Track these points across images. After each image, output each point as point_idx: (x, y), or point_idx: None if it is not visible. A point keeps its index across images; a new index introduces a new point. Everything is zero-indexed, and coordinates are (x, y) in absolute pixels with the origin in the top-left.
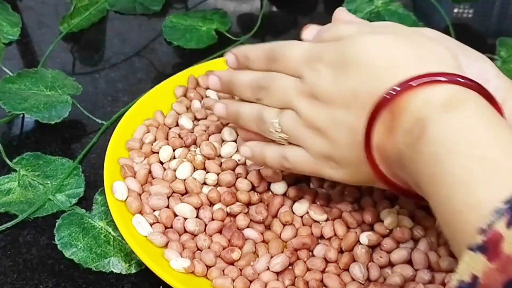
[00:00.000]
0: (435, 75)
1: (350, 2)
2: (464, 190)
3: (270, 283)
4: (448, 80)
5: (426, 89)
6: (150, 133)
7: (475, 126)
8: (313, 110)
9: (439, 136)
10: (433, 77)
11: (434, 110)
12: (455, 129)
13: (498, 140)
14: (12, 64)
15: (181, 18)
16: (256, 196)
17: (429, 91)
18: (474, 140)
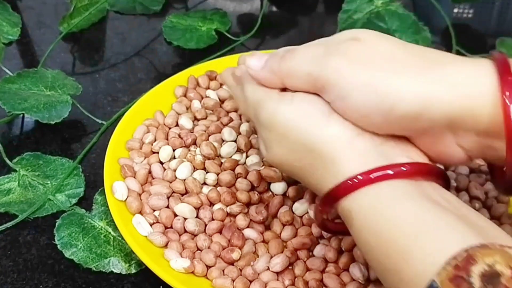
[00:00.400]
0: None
1: (350, 2)
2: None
3: (270, 283)
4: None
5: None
6: (150, 133)
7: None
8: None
9: (366, 225)
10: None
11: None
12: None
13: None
14: (12, 64)
15: (181, 18)
16: (256, 196)
17: (357, 194)
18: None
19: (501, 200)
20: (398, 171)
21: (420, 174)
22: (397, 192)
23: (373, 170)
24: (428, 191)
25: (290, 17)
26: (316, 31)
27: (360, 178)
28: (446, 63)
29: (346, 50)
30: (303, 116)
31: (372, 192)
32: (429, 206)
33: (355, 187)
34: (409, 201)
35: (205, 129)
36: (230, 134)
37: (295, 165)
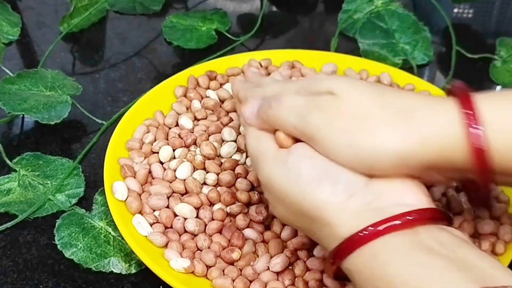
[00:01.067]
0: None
1: (350, 2)
2: None
3: (270, 283)
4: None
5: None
6: (150, 133)
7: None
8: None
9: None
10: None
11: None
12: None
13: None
14: (12, 64)
15: (181, 18)
16: (256, 196)
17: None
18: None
19: (501, 200)
20: (391, 225)
21: (422, 221)
22: (391, 247)
23: (370, 226)
24: (423, 238)
25: (290, 17)
26: (316, 31)
27: (360, 236)
28: (416, 111)
29: (323, 107)
30: (296, 180)
31: (368, 250)
32: (422, 258)
33: (354, 245)
34: (402, 257)
35: (205, 129)
36: (230, 134)
37: (297, 225)
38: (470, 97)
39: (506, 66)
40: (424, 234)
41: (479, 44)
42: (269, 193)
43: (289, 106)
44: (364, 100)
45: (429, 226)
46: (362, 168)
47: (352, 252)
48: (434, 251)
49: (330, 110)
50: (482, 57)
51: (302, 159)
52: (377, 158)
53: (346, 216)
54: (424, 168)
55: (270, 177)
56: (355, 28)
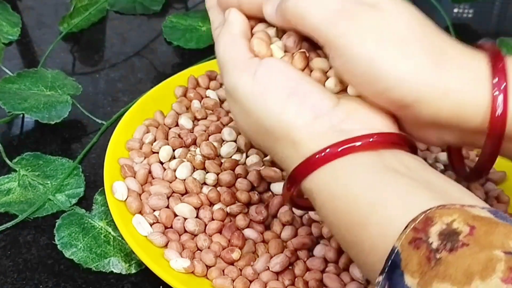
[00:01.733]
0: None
1: None
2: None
3: (270, 283)
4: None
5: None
6: (150, 133)
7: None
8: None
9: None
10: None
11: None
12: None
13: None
14: (12, 64)
15: (181, 18)
16: (256, 196)
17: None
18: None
19: (501, 200)
20: (351, 146)
21: (384, 145)
22: (353, 167)
23: (329, 147)
24: (388, 160)
25: None
26: None
27: (318, 157)
28: (450, 58)
29: (360, 17)
30: (262, 95)
31: (329, 170)
32: (386, 176)
33: (312, 166)
34: (365, 174)
35: (205, 129)
36: (230, 134)
37: (260, 144)
38: (502, 61)
39: None
40: (388, 157)
41: None
42: (234, 104)
43: (319, 2)
44: (407, 20)
45: (394, 150)
46: (375, 88)
47: (311, 172)
48: (399, 172)
49: (364, 19)
50: None
51: (272, 73)
52: (397, 85)
53: (309, 136)
54: (431, 119)
55: (235, 86)
56: None
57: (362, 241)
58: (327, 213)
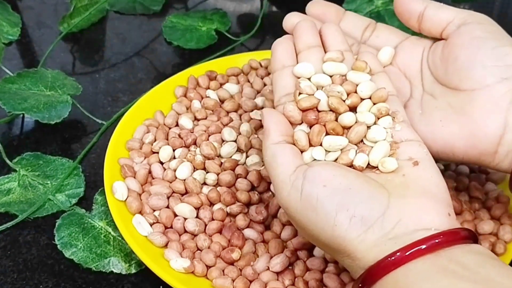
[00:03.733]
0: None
1: (350, 2)
2: None
3: (270, 283)
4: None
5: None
6: (150, 133)
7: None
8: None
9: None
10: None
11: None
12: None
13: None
14: (12, 64)
15: (181, 18)
16: (256, 196)
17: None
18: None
19: (501, 200)
20: (414, 251)
21: (447, 244)
22: (413, 276)
23: (390, 255)
24: (445, 263)
25: None
26: None
27: (377, 267)
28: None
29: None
30: (312, 213)
31: (390, 281)
32: (446, 283)
33: (373, 278)
34: (426, 283)
35: (205, 129)
36: (230, 134)
37: (324, 250)
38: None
39: None
40: (445, 258)
41: None
42: (290, 219)
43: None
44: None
45: (451, 248)
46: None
47: (374, 283)
48: (457, 274)
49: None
50: None
51: (316, 189)
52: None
53: (365, 248)
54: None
55: (287, 206)
56: None
57: None
58: None
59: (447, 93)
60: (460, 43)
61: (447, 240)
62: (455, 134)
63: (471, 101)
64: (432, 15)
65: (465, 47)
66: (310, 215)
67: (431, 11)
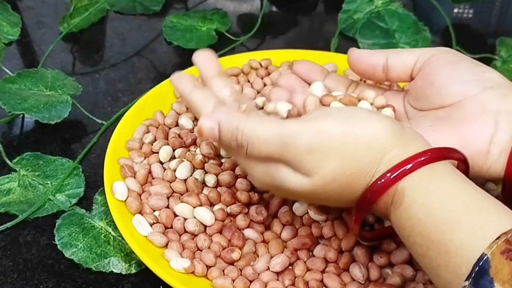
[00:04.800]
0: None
1: (350, 2)
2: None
3: (270, 283)
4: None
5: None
6: (150, 133)
7: (446, 189)
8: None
9: (418, 200)
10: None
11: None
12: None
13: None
14: (12, 64)
15: (181, 18)
16: (256, 196)
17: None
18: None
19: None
20: (453, 153)
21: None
22: (447, 171)
23: (428, 150)
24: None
25: (290, 17)
26: (316, 31)
27: (423, 159)
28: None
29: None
30: (353, 115)
31: (426, 172)
32: (474, 187)
33: (415, 166)
34: (459, 177)
35: None
36: None
37: (353, 172)
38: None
39: (506, 66)
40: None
41: (479, 44)
42: (323, 145)
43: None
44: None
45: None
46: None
47: (414, 171)
48: (466, 179)
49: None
50: (482, 57)
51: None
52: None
53: (404, 141)
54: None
55: (322, 128)
56: (355, 28)
57: (450, 240)
58: (417, 210)
59: (433, 111)
60: (434, 68)
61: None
62: (446, 137)
63: (458, 108)
64: (396, 62)
65: (440, 69)
66: (351, 119)
67: (393, 58)
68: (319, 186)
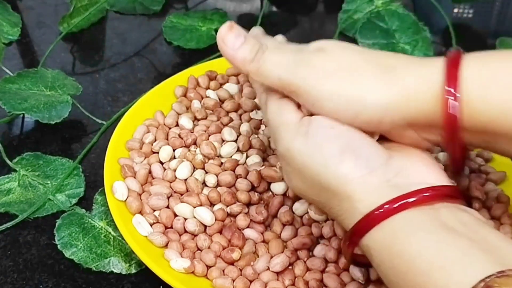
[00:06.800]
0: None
1: (350, 2)
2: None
3: (270, 283)
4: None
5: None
6: (150, 133)
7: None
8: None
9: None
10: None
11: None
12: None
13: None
14: (12, 64)
15: (181, 18)
16: (256, 196)
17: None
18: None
19: (501, 200)
20: (407, 202)
21: (439, 198)
22: (411, 226)
23: (387, 203)
24: (444, 217)
25: (290, 17)
26: (316, 31)
27: (377, 213)
28: (400, 67)
29: (312, 61)
30: (317, 152)
31: (387, 228)
32: (444, 236)
33: (372, 223)
34: (423, 233)
35: (205, 129)
36: (230, 134)
37: (315, 199)
38: (458, 57)
39: None
40: (444, 213)
41: (479, 44)
42: (288, 165)
43: (278, 59)
44: (349, 53)
45: (449, 204)
46: (347, 117)
47: (370, 229)
48: (456, 230)
49: (316, 63)
50: None
51: (324, 130)
52: (364, 107)
53: (366, 191)
54: (405, 123)
55: (290, 148)
56: (355, 28)
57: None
58: (385, 271)
59: None
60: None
61: (439, 194)
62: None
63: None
64: None
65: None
66: (315, 154)
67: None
68: (295, 193)
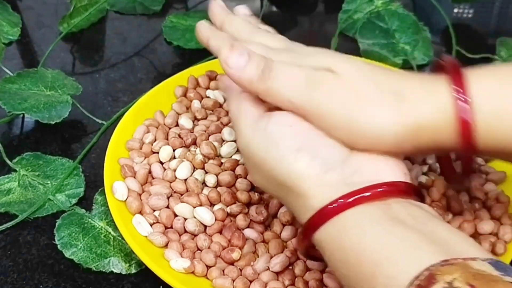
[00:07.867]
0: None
1: (350, 2)
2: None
3: (270, 283)
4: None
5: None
6: (150, 133)
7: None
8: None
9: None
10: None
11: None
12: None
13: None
14: (12, 64)
15: (181, 18)
16: (256, 196)
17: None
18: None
19: (501, 201)
20: (361, 197)
21: (392, 194)
22: (362, 219)
23: (341, 197)
24: (395, 211)
25: (290, 17)
26: (316, 31)
27: (330, 208)
28: (409, 94)
29: (323, 83)
30: (274, 148)
31: (339, 222)
32: (393, 229)
33: (325, 218)
34: (373, 227)
35: (205, 129)
36: (230, 134)
37: (275, 194)
38: (461, 75)
39: None
40: (396, 207)
41: (479, 44)
42: (247, 159)
43: (287, 81)
44: (361, 77)
45: (401, 200)
46: (360, 145)
47: (323, 224)
48: (406, 223)
49: (330, 87)
50: (482, 57)
51: (282, 127)
52: (377, 137)
53: (320, 189)
54: (414, 149)
55: (248, 143)
56: (355, 28)
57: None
58: (336, 265)
59: None
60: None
61: (392, 190)
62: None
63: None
64: None
65: None
66: (271, 151)
67: None
68: (257, 186)
